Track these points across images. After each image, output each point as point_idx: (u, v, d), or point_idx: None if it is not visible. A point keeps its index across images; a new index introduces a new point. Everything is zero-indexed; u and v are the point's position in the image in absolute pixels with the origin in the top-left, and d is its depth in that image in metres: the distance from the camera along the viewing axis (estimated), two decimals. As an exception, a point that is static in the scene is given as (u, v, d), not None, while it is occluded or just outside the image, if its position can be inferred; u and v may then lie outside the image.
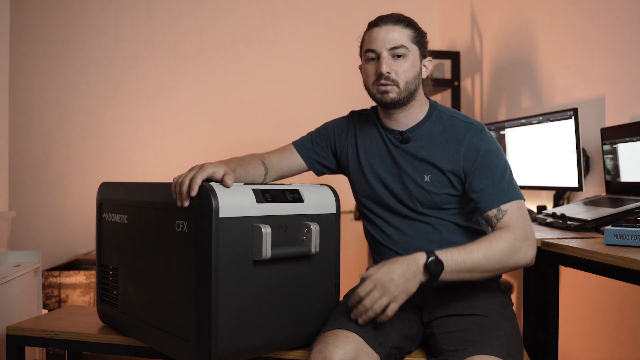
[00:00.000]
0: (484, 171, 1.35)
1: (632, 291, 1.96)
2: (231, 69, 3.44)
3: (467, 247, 1.26)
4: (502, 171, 1.36)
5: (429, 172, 1.40)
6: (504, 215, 1.31)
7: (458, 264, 1.23)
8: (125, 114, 3.33)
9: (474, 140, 1.37)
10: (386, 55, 1.37)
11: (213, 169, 1.22)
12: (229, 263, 1.18)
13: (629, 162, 1.81)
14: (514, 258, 1.27)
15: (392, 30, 1.37)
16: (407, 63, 1.37)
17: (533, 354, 1.58)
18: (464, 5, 3.32)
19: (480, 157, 1.35)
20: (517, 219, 1.31)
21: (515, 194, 1.34)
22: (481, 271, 1.26)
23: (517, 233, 1.28)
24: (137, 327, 1.40)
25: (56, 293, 2.82)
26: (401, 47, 1.36)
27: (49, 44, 3.24)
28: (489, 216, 1.34)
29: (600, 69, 2.15)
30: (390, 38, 1.36)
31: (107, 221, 1.51)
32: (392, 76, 1.37)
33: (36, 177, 3.20)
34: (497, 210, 1.32)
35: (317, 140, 1.57)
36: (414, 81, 1.39)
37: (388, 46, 1.36)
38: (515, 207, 1.32)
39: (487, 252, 1.25)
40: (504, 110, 2.90)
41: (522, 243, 1.28)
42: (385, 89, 1.38)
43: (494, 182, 1.34)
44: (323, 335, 1.25)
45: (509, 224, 1.30)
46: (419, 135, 1.43)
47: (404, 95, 1.38)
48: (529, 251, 1.29)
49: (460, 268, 1.24)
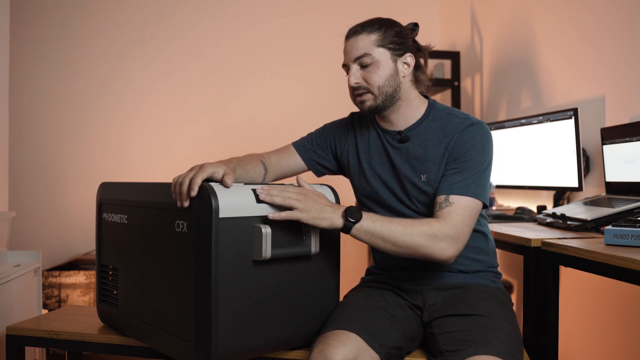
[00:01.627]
0: (457, 161, 1.35)
1: (632, 291, 1.97)
2: (232, 69, 3.44)
3: (393, 219, 1.29)
4: (474, 167, 1.33)
5: (425, 172, 1.40)
6: (448, 206, 1.30)
7: (375, 224, 1.25)
8: (125, 114, 3.33)
9: (464, 132, 1.36)
10: (354, 67, 1.39)
11: (213, 169, 1.22)
12: (229, 263, 1.18)
13: (629, 162, 1.81)
14: (429, 246, 1.26)
15: (356, 40, 1.38)
16: (375, 68, 1.37)
17: (533, 354, 1.58)
18: (464, 5, 3.32)
19: (461, 147, 1.35)
20: (456, 215, 1.28)
21: (472, 192, 1.31)
22: (394, 244, 1.26)
23: (447, 227, 1.27)
24: (137, 327, 1.40)
25: (56, 293, 2.82)
26: (365, 56, 1.37)
27: (49, 44, 3.24)
28: (436, 202, 1.33)
29: (600, 69, 2.15)
30: (355, 49, 1.38)
31: (107, 221, 1.51)
32: (362, 84, 1.38)
33: (36, 177, 3.20)
34: (444, 198, 1.31)
35: (317, 141, 1.57)
36: (389, 83, 1.38)
37: (353, 57, 1.38)
38: (463, 204, 1.30)
39: (406, 228, 1.25)
40: (504, 110, 2.90)
41: (445, 238, 1.26)
42: (361, 99, 1.40)
43: (459, 172, 1.33)
44: (323, 335, 1.25)
45: (445, 216, 1.28)
46: (417, 135, 1.43)
47: (382, 100, 1.39)
48: (448, 249, 1.27)
49: (375, 230, 1.25)
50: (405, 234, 1.25)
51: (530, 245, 1.56)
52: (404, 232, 1.25)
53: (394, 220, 1.28)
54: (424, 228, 1.26)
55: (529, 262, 1.58)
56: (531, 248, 1.56)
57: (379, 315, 1.32)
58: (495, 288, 1.44)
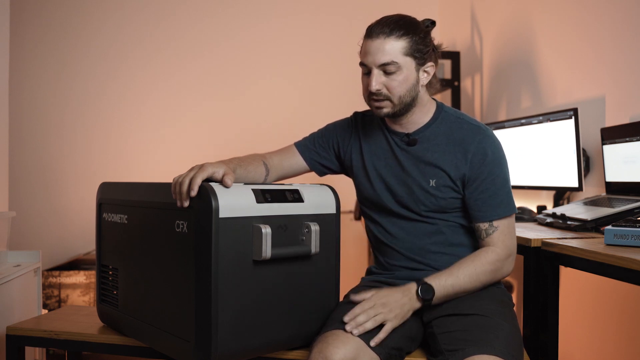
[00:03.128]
0: (486, 181, 1.36)
1: (632, 291, 1.96)
2: (232, 69, 3.44)
3: (454, 271, 1.33)
4: (503, 182, 1.38)
5: (434, 176, 1.39)
6: (494, 231, 1.37)
7: (446, 289, 1.31)
8: (125, 114, 3.33)
9: (482, 145, 1.37)
10: (377, 72, 1.34)
11: (213, 169, 1.22)
12: (229, 263, 1.18)
13: (629, 162, 1.81)
14: (495, 277, 1.37)
15: (383, 43, 1.32)
16: (400, 77, 1.34)
17: (533, 354, 1.58)
18: (464, 5, 3.32)
19: (485, 165, 1.36)
20: (505, 237, 1.37)
21: (510, 209, 1.38)
22: (465, 292, 1.35)
23: (501, 254, 1.36)
24: (137, 327, 1.40)
25: (56, 293, 2.82)
26: (391, 64, 1.32)
27: (49, 44, 3.24)
28: (480, 228, 1.39)
29: (600, 69, 2.15)
30: (381, 54, 1.32)
31: (107, 221, 1.51)
32: (383, 92, 1.35)
33: (36, 177, 3.20)
34: (488, 225, 1.37)
35: (320, 141, 1.57)
36: (409, 93, 1.36)
37: (378, 62, 1.33)
38: (506, 224, 1.38)
39: (472, 276, 1.33)
40: (504, 110, 2.90)
41: (504, 262, 1.37)
42: (379, 105, 1.37)
43: (493, 195, 1.36)
44: (323, 335, 1.25)
45: (496, 242, 1.37)
46: (426, 138, 1.42)
47: (399, 108, 1.37)
48: (508, 268, 1.38)
49: (448, 293, 1.32)
50: (473, 282, 1.33)
51: (530, 245, 1.56)
52: (471, 281, 1.33)
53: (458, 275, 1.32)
54: (484, 268, 1.34)
55: (529, 262, 1.58)
56: (531, 248, 1.56)
57: (379, 315, 1.32)
58: (496, 288, 1.43)
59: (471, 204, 1.38)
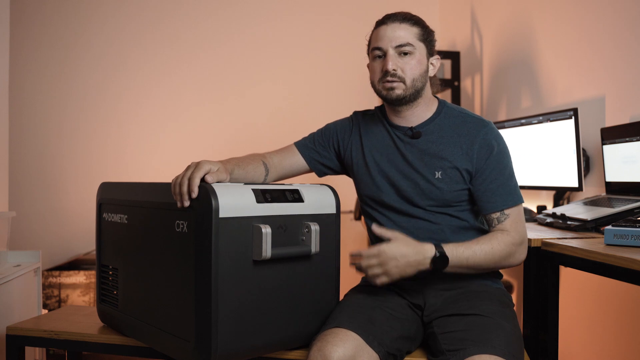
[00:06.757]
0: (494, 172, 1.38)
1: (632, 291, 1.96)
2: (232, 69, 3.44)
3: (471, 245, 1.33)
4: (510, 172, 1.40)
5: (440, 168, 1.40)
6: (506, 219, 1.38)
7: (461, 261, 1.32)
8: (125, 114, 3.33)
9: (488, 137, 1.39)
10: (392, 53, 1.38)
11: (209, 165, 1.23)
12: (229, 263, 1.18)
13: (629, 162, 1.81)
14: (508, 260, 1.37)
15: (399, 28, 1.38)
16: (413, 60, 1.38)
17: (533, 354, 1.58)
18: (464, 5, 3.32)
19: (493, 156, 1.39)
20: (517, 223, 1.38)
21: (518, 197, 1.40)
22: (478, 269, 1.36)
23: (516, 238, 1.37)
24: (137, 327, 1.40)
25: (56, 293, 2.82)
26: (407, 45, 1.38)
27: (49, 44, 3.24)
28: (491, 217, 1.39)
29: (600, 69, 2.15)
30: (397, 36, 1.38)
31: (107, 221, 1.51)
32: (398, 73, 1.38)
33: (36, 177, 3.20)
34: (500, 214, 1.38)
35: (320, 140, 1.57)
36: (421, 79, 1.40)
37: (394, 44, 1.38)
38: (516, 212, 1.39)
39: (487, 253, 1.33)
40: (504, 110, 2.90)
41: (518, 247, 1.37)
42: (392, 86, 1.39)
43: (502, 185, 1.38)
44: (322, 333, 1.25)
45: (509, 229, 1.37)
46: (430, 131, 1.43)
47: (411, 92, 1.39)
48: (522, 254, 1.39)
49: (462, 264, 1.32)
50: (487, 260, 1.33)
51: (530, 245, 1.56)
52: (486, 259, 1.33)
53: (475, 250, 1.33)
54: (500, 248, 1.34)
55: (529, 262, 1.58)
56: (531, 248, 1.56)
57: (379, 315, 1.32)
58: (496, 288, 1.44)
59: (480, 195, 1.40)
